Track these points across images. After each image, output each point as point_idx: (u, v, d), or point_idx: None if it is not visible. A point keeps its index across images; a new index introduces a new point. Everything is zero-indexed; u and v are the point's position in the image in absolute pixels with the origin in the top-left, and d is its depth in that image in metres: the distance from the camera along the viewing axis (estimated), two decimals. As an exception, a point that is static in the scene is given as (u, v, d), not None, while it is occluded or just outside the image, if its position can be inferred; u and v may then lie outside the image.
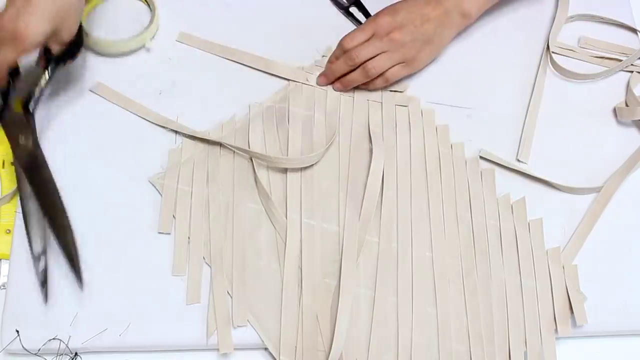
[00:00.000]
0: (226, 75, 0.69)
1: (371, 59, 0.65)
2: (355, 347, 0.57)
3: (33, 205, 0.58)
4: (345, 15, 0.73)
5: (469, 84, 0.70)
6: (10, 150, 0.64)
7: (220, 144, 0.65)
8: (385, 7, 0.66)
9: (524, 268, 0.61)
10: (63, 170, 0.63)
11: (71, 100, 0.67)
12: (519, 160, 0.66)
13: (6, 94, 0.59)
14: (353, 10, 0.73)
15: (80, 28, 0.61)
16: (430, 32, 0.65)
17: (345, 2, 0.73)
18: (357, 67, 0.65)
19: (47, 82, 0.60)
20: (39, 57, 0.59)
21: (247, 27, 0.72)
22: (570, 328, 0.59)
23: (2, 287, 0.60)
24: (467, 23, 0.68)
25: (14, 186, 0.62)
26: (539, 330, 0.59)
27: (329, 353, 0.55)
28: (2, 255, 0.61)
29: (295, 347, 0.57)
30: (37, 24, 0.54)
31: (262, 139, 0.65)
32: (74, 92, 0.67)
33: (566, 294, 0.60)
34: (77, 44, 0.62)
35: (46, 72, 0.60)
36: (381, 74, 0.66)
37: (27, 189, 0.58)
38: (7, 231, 0.61)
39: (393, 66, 0.66)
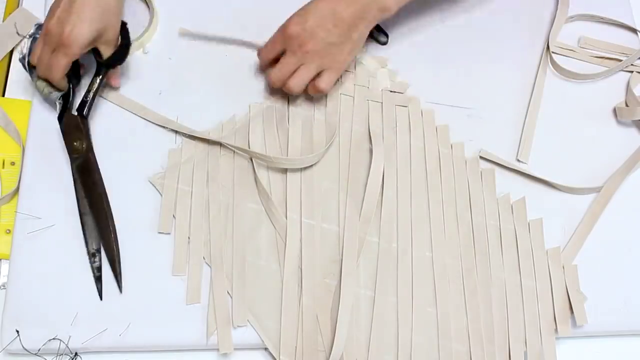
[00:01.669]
0: (226, 75, 0.69)
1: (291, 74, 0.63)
2: (355, 347, 0.57)
3: (86, 206, 0.61)
4: None
5: (469, 84, 0.70)
6: (10, 150, 0.64)
7: (220, 144, 0.65)
8: (295, 13, 0.61)
9: (524, 268, 0.61)
10: (63, 170, 0.63)
11: (71, 100, 0.67)
12: (519, 161, 0.66)
13: (67, 98, 0.63)
14: None
15: (127, 30, 0.63)
16: (344, 33, 0.61)
17: None
18: None
19: (99, 87, 0.64)
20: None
21: (247, 27, 0.72)
22: (570, 328, 0.59)
23: (2, 287, 0.60)
24: (387, 16, 0.62)
25: (14, 186, 0.62)
26: (539, 330, 0.59)
27: (330, 353, 0.55)
28: (2, 255, 0.61)
29: (295, 347, 0.57)
30: (81, 28, 0.56)
31: (262, 139, 0.65)
32: (74, 92, 0.67)
33: (566, 294, 0.60)
34: (125, 47, 0.63)
35: (97, 78, 0.63)
36: (312, 87, 0.64)
37: (81, 190, 0.61)
38: (7, 231, 0.61)
39: (317, 75, 0.63)
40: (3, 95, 0.68)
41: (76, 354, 0.57)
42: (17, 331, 0.57)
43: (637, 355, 0.61)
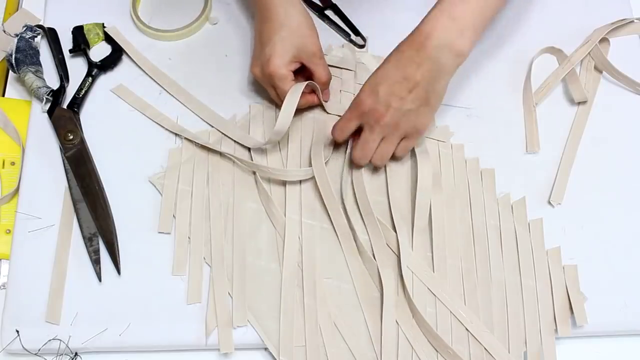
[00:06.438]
0: (226, 75, 0.69)
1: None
2: (356, 346, 0.57)
3: (79, 194, 0.62)
4: (320, 18, 0.72)
5: (469, 84, 0.70)
6: (10, 150, 0.65)
7: (220, 143, 0.65)
8: (366, 83, 0.58)
9: (524, 268, 0.61)
10: (63, 170, 0.63)
11: (71, 100, 0.67)
12: (550, 203, 0.65)
13: (57, 95, 0.65)
14: (329, 12, 0.73)
15: (115, 42, 0.69)
16: (421, 97, 0.57)
17: (320, 4, 0.73)
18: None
19: (90, 87, 0.67)
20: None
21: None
22: (570, 328, 0.59)
23: (2, 287, 0.60)
24: (462, 61, 0.57)
25: (14, 186, 0.62)
26: (538, 330, 0.59)
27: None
28: (2, 255, 0.61)
29: (295, 347, 0.57)
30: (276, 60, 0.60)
31: (262, 139, 0.65)
32: (74, 92, 0.68)
33: (566, 294, 0.60)
34: (117, 52, 0.69)
35: (89, 78, 0.67)
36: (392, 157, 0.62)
37: (74, 179, 0.63)
38: (7, 231, 0.61)
39: (399, 143, 0.61)
40: (3, 96, 0.68)
41: (76, 354, 0.57)
42: (17, 331, 0.57)
43: (637, 355, 0.61)
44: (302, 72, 0.64)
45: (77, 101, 0.66)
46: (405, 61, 0.56)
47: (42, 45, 0.70)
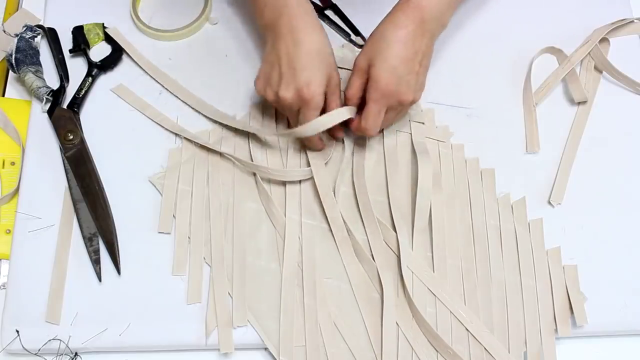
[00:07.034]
0: (226, 75, 0.69)
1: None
2: (356, 346, 0.57)
3: (79, 194, 0.62)
4: (320, 18, 0.72)
5: (469, 84, 0.70)
6: (10, 150, 0.65)
7: (220, 143, 0.65)
8: (383, 67, 0.58)
9: (524, 268, 0.61)
10: (63, 170, 0.63)
11: (71, 100, 0.67)
12: (550, 203, 0.65)
13: (58, 95, 0.66)
14: (329, 12, 0.73)
15: (115, 42, 0.69)
16: (426, 64, 0.61)
17: (320, 4, 0.73)
18: None
19: (90, 87, 0.67)
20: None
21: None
22: (570, 328, 0.59)
23: (2, 287, 0.60)
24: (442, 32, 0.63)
25: (14, 186, 0.62)
26: (539, 330, 0.59)
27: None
28: (2, 255, 0.61)
29: (295, 347, 0.57)
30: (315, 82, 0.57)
31: (262, 141, 0.65)
32: (74, 92, 0.67)
33: (566, 294, 0.60)
34: (117, 52, 0.69)
35: (89, 79, 0.67)
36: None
37: (74, 179, 0.63)
38: (7, 231, 0.61)
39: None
40: (3, 95, 0.69)
41: (76, 354, 0.57)
42: (17, 331, 0.57)
43: (637, 355, 0.61)
44: None
45: (77, 101, 0.66)
46: (412, 36, 0.58)
47: (42, 45, 0.70)
